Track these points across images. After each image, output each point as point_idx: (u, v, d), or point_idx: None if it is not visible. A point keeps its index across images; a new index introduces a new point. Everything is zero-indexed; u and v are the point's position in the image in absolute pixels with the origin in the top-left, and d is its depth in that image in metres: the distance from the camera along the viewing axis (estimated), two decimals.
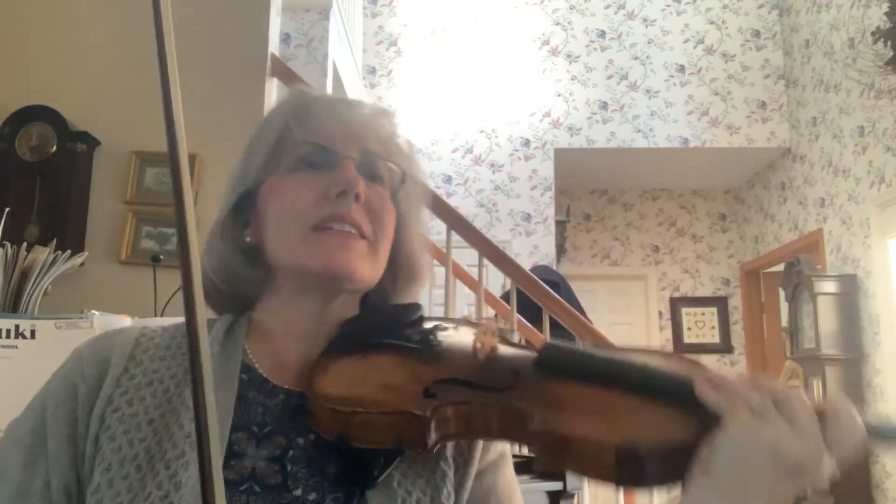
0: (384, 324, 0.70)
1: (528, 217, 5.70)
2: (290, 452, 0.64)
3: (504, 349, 0.67)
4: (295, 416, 0.65)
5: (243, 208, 0.74)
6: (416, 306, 0.75)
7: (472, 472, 0.68)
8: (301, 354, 0.70)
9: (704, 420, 0.56)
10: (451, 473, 0.66)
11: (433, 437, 0.59)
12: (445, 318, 0.78)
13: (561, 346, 0.66)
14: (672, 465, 0.55)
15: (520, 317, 3.35)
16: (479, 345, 0.65)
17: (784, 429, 0.53)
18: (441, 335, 0.70)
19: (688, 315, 6.66)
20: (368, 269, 0.70)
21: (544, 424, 0.57)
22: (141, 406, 0.64)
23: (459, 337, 0.71)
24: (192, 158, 2.75)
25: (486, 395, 0.60)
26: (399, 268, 0.76)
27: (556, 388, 0.61)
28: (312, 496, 0.62)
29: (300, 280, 0.70)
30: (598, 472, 0.56)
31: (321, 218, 0.68)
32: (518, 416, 0.58)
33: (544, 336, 3.17)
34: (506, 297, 3.54)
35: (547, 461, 0.57)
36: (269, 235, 0.71)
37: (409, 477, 0.64)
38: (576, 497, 2.07)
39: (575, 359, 0.64)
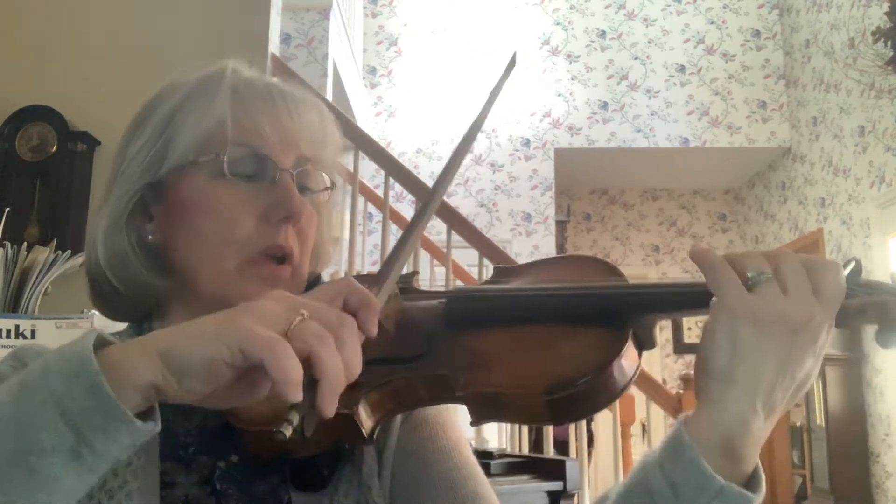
0: None
1: (528, 217, 5.70)
2: (217, 471, 0.62)
3: (412, 309, 0.64)
4: (216, 438, 0.63)
5: (147, 197, 0.66)
6: (315, 282, 0.71)
7: (392, 443, 0.66)
8: None
9: (620, 331, 0.56)
10: (374, 465, 0.64)
11: (368, 425, 0.58)
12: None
13: (466, 297, 0.64)
14: (602, 388, 0.55)
15: None
16: (384, 315, 0.61)
17: (777, 292, 0.51)
18: None
19: None
20: None
21: (469, 386, 0.57)
22: None
23: None
24: None
25: (405, 368, 0.59)
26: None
27: (472, 341, 0.60)
28: None
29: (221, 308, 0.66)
30: (533, 417, 0.59)
31: (261, 248, 0.63)
32: (443, 382, 0.58)
33: None
34: None
35: (480, 416, 0.57)
36: (190, 252, 0.64)
37: (339, 486, 0.63)
38: (576, 497, 2.07)
39: (483, 307, 0.63)
